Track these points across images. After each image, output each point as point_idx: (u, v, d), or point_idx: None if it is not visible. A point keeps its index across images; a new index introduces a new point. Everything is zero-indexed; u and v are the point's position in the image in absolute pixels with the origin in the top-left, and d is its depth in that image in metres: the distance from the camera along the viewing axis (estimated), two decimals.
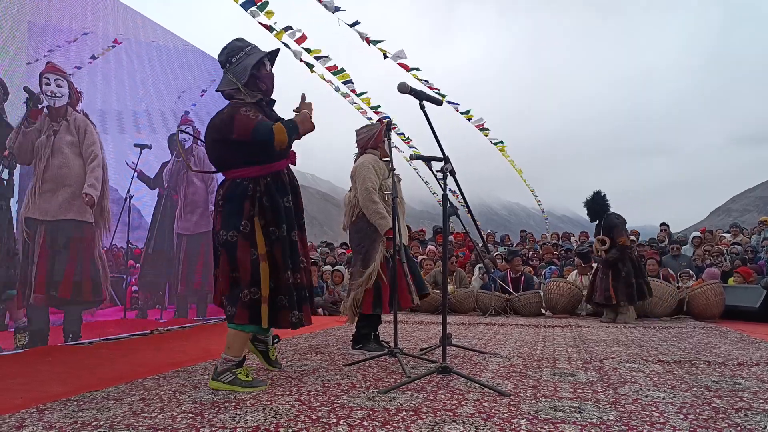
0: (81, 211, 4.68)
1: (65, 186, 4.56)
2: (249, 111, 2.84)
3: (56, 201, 4.47)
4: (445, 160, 3.05)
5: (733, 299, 7.07)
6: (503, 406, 2.43)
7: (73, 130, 4.67)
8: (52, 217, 4.43)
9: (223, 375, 2.80)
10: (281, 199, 2.91)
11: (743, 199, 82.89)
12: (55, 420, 2.26)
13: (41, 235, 4.33)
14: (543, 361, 3.69)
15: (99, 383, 2.99)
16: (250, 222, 2.83)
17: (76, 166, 4.67)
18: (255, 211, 2.84)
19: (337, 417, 2.26)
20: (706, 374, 3.19)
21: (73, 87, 4.73)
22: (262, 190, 2.87)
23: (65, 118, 4.63)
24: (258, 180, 2.87)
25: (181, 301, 6.09)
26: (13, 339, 4.10)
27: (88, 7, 4.99)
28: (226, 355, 2.84)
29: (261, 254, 2.82)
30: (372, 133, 4.27)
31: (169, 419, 2.26)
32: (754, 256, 9.32)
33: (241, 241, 2.81)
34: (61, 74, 4.61)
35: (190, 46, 6.50)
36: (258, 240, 2.83)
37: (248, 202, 2.83)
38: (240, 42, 3.01)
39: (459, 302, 8.13)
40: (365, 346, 4.13)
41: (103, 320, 4.98)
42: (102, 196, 4.94)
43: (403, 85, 3.07)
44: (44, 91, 4.46)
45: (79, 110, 4.79)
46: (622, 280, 6.69)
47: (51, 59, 4.53)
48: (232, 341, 2.86)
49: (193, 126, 6.43)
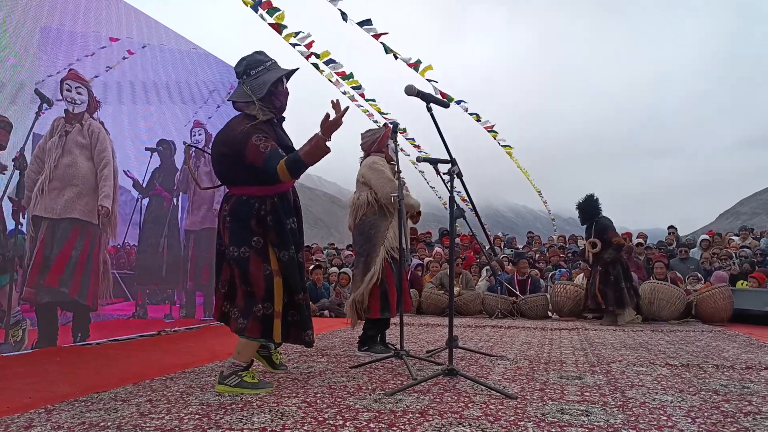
0: (85, 211, 4.69)
1: (71, 185, 4.59)
2: (260, 140, 2.77)
3: (62, 199, 4.50)
4: (452, 163, 3.05)
5: (741, 303, 7.03)
6: (510, 408, 2.42)
7: (85, 133, 4.73)
8: (57, 215, 4.46)
9: (229, 378, 2.82)
10: (287, 220, 2.91)
11: (752, 202, 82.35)
12: (63, 420, 2.28)
13: (43, 232, 4.36)
14: (550, 363, 3.68)
15: (107, 384, 3.00)
16: (262, 238, 2.84)
17: (84, 167, 4.70)
18: (262, 230, 2.84)
19: (343, 419, 2.26)
20: (715, 378, 3.17)
21: (93, 95, 4.84)
22: (268, 209, 2.86)
23: (80, 122, 4.71)
24: (264, 199, 2.86)
25: (189, 298, 6.13)
26: (4, 335, 4.01)
27: (101, 14, 5.04)
28: (235, 359, 2.86)
29: (274, 270, 2.84)
30: (376, 137, 4.29)
31: (177, 420, 2.26)
32: (763, 260, 9.26)
33: (254, 256, 2.82)
34: (82, 82, 4.75)
35: (200, 48, 6.53)
36: (270, 255, 2.84)
37: (254, 221, 2.83)
38: (260, 55, 2.98)
39: (465, 305, 8.12)
40: (371, 348, 4.14)
41: (111, 320, 5.01)
42: (113, 201, 4.97)
43: (411, 88, 3.07)
44: (65, 97, 4.58)
45: (95, 118, 4.85)
46: (610, 284, 6.73)
47: (67, 66, 4.62)
48: (243, 348, 2.89)
49: (206, 129, 6.47)
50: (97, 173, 4.82)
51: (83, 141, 4.70)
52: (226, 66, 7.03)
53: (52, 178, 4.43)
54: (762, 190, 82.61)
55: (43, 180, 4.37)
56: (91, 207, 4.77)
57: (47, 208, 4.40)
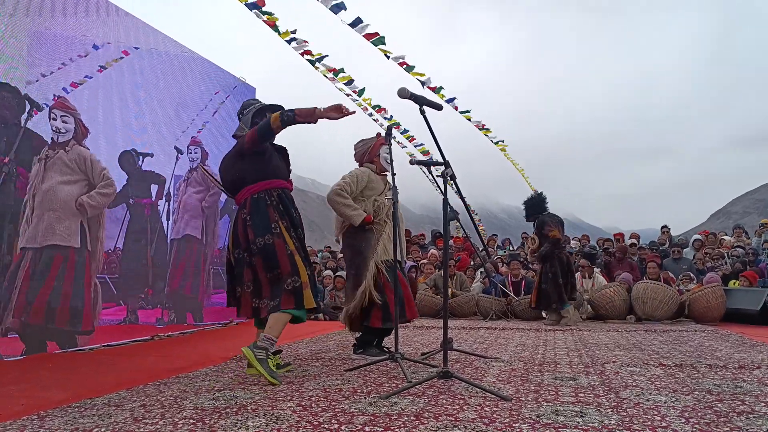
0: (65, 236, 4.59)
1: (50, 210, 4.48)
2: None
3: (42, 227, 4.41)
4: (445, 165, 3.06)
5: (733, 302, 7.07)
6: (505, 410, 2.43)
7: (67, 159, 4.65)
8: (39, 243, 4.38)
9: (258, 351, 3.09)
10: (294, 210, 3.42)
11: (744, 201, 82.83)
12: (56, 426, 2.26)
13: (27, 261, 4.29)
14: (544, 365, 3.69)
15: (100, 389, 2.98)
16: (277, 225, 3.28)
17: (63, 192, 4.60)
18: (278, 216, 3.31)
19: (338, 422, 2.25)
20: (708, 378, 3.19)
21: (80, 123, 4.78)
22: (275, 199, 3.35)
23: (64, 148, 4.64)
24: (271, 192, 3.35)
25: (178, 305, 6.10)
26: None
27: (92, 18, 5.02)
28: (267, 334, 3.16)
29: (293, 249, 3.27)
30: (366, 148, 4.25)
31: (171, 425, 2.25)
32: (755, 259, 9.32)
33: (276, 240, 3.24)
34: (68, 111, 4.69)
35: (195, 54, 6.52)
36: (287, 239, 3.28)
37: (271, 209, 3.31)
38: (253, 101, 3.69)
39: (460, 306, 8.13)
40: (366, 351, 4.13)
41: (102, 326, 4.98)
42: (99, 226, 4.91)
43: (404, 91, 3.07)
44: (51, 125, 4.55)
45: (83, 145, 4.80)
46: (550, 281, 6.70)
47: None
48: (274, 322, 3.18)
49: (202, 147, 6.46)
50: (77, 198, 4.72)
51: (65, 167, 4.62)
52: (222, 71, 7.04)
53: (34, 207, 4.35)
54: (753, 190, 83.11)
55: (27, 211, 4.30)
56: (72, 230, 4.66)
57: (30, 238, 4.32)
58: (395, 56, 8.60)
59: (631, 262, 9.21)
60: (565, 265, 6.78)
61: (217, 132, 6.78)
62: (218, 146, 6.64)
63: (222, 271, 6.83)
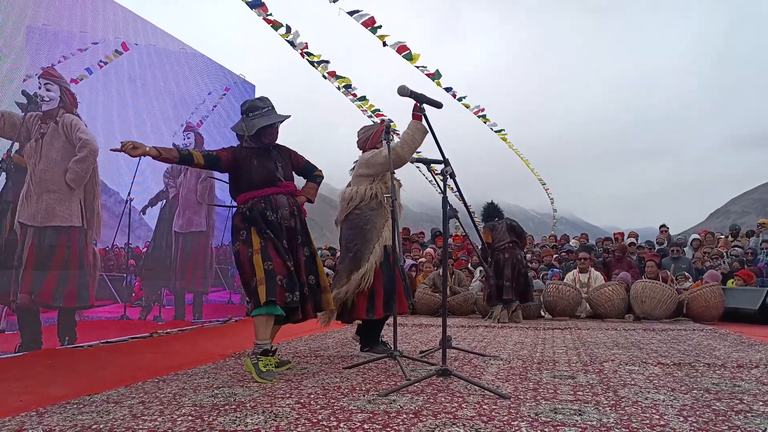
0: (65, 217, 4.58)
1: (48, 191, 4.44)
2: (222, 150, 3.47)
3: (42, 207, 4.39)
4: (445, 163, 3.06)
5: (732, 301, 7.07)
6: (503, 408, 2.43)
7: (61, 131, 4.57)
8: (39, 223, 4.37)
9: (252, 356, 3.22)
10: (272, 213, 3.33)
11: (742, 201, 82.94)
12: (54, 423, 2.26)
13: (30, 239, 4.28)
14: (543, 363, 3.69)
15: (98, 386, 2.98)
16: (246, 231, 3.31)
17: (59, 170, 4.55)
18: (248, 222, 3.32)
19: (337, 420, 2.26)
20: (706, 376, 3.20)
21: (66, 91, 4.68)
22: (250, 208, 3.33)
23: (54, 119, 4.54)
24: (249, 202, 3.35)
25: (178, 300, 6.11)
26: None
27: (88, 13, 5.01)
28: (255, 340, 3.27)
29: (255, 249, 3.25)
30: (369, 134, 4.13)
31: (169, 422, 2.25)
32: (753, 258, 9.33)
33: (241, 246, 3.30)
34: (52, 78, 4.58)
35: (194, 50, 6.51)
36: (254, 240, 3.28)
37: (239, 218, 3.36)
38: (261, 102, 3.48)
39: (458, 305, 8.13)
40: (373, 349, 4.09)
41: (102, 320, 4.98)
42: (93, 197, 4.87)
43: (404, 88, 3.08)
44: (38, 96, 4.45)
45: (76, 114, 4.74)
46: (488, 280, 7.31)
47: (53, 66, 4.57)
48: (256, 327, 3.27)
49: (196, 132, 6.45)
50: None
51: (59, 142, 4.56)
52: (221, 68, 7.04)
53: (33, 184, 4.32)
54: (751, 190, 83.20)
55: (26, 187, 4.27)
56: (73, 210, 4.66)
57: (30, 215, 4.29)
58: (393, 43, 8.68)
59: (630, 261, 9.22)
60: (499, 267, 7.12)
61: (215, 128, 6.78)
62: (216, 142, 6.63)
63: (219, 269, 6.85)
